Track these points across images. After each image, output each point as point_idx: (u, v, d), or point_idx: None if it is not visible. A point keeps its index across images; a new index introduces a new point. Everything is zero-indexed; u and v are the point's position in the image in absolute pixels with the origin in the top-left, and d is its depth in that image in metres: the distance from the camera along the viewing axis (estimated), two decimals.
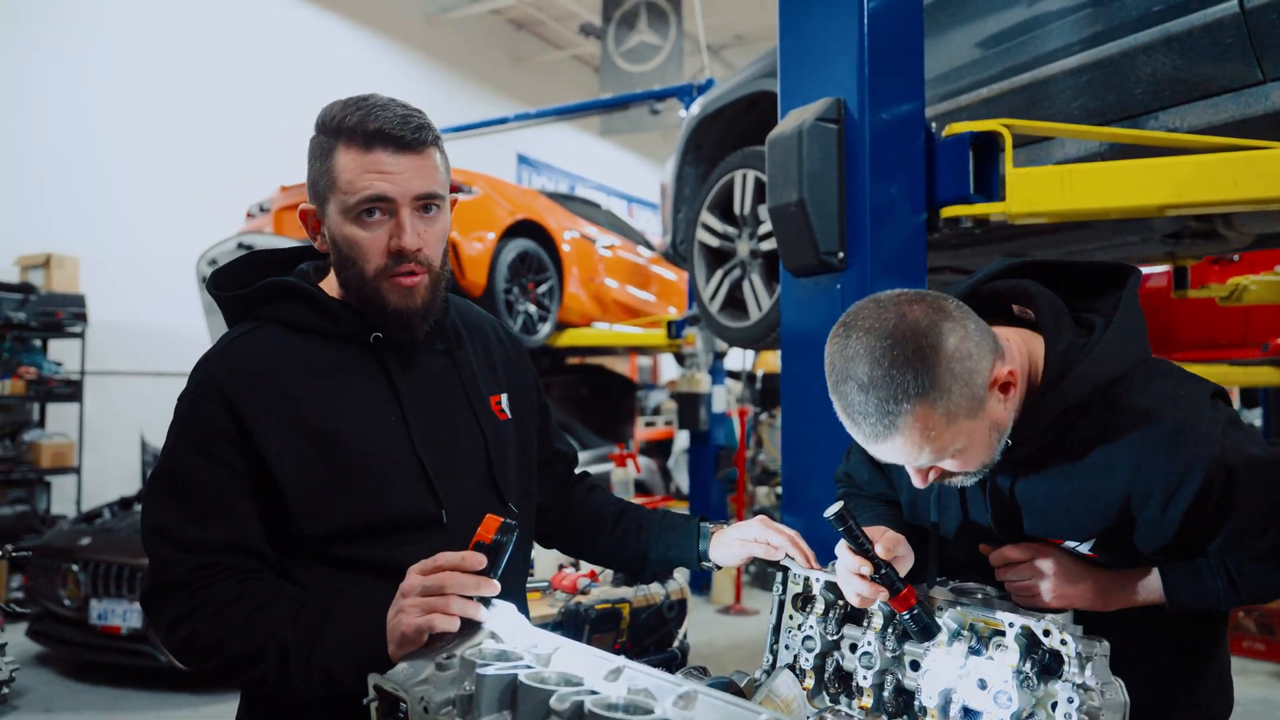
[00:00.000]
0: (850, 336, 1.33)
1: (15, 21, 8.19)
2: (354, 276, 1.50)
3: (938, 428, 1.31)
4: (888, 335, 1.30)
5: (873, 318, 1.33)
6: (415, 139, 1.46)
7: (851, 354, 1.32)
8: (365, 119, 1.44)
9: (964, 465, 1.39)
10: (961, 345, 1.30)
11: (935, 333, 1.29)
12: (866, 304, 1.37)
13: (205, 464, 1.43)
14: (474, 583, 1.30)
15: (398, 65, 12.67)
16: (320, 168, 1.48)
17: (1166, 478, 1.37)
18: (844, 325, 1.36)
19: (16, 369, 7.42)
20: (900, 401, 1.28)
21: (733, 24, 14.56)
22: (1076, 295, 1.57)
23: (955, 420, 1.31)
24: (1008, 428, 1.40)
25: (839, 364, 1.34)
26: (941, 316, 1.32)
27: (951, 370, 1.29)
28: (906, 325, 1.30)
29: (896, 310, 1.32)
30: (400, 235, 1.47)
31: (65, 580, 5.42)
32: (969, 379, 1.30)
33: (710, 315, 4.52)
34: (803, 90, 2.71)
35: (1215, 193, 2.36)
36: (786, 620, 1.68)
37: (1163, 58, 2.65)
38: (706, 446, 8.11)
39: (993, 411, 1.35)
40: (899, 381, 1.28)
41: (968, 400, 1.31)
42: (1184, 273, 4.52)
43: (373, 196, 1.45)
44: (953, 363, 1.29)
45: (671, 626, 3.23)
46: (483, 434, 1.63)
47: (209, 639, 1.37)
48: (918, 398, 1.28)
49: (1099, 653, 1.29)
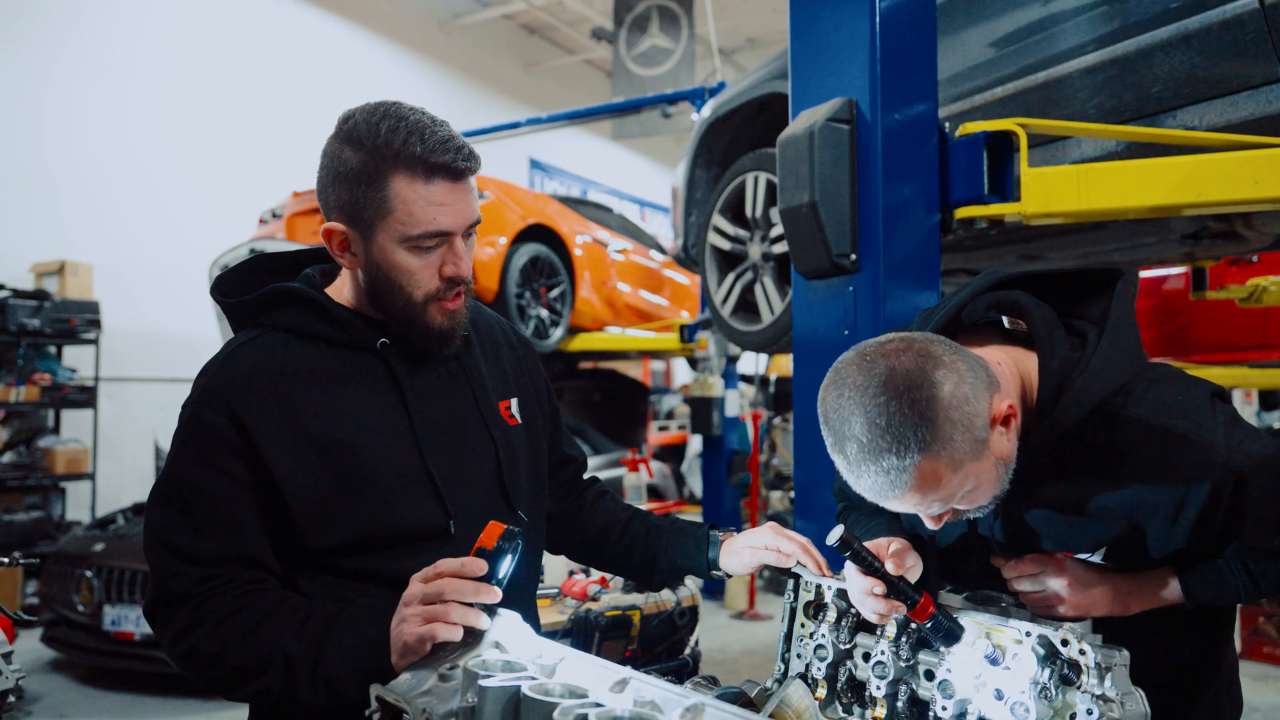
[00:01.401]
0: (842, 395, 1.29)
1: (31, 32, 8.26)
2: (400, 301, 1.49)
3: (945, 477, 1.28)
4: (880, 391, 1.26)
5: (861, 373, 1.28)
6: (468, 168, 1.45)
7: (846, 414, 1.28)
8: (427, 150, 1.40)
9: (975, 503, 1.36)
10: (957, 390, 1.26)
11: (928, 382, 1.25)
12: (852, 358, 1.32)
13: (209, 475, 1.41)
14: (473, 589, 1.27)
15: (410, 71, 12.71)
16: (368, 193, 1.42)
17: (1173, 491, 1.35)
18: (834, 383, 1.32)
19: (31, 375, 7.46)
20: (904, 458, 1.25)
21: (745, 27, 14.55)
22: (1067, 302, 1.54)
23: (961, 466, 1.28)
24: (1013, 458, 1.37)
25: (835, 424, 1.30)
26: (931, 364, 1.27)
27: (950, 419, 1.25)
28: (898, 378, 1.26)
29: (885, 363, 1.28)
30: (457, 264, 1.48)
31: (79, 586, 5.45)
32: (969, 424, 1.27)
33: (722, 319, 4.49)
34: (814, 91, 2.68)
35: (1235, 192, 2.32)
36: (798, 628, 1.65)
37: (1181, 55, 2.61)
38: (720, 451, 8.07)
39: (996, 447, 1.32)
40: (900, 439, 1.24)
41: (971, 444, 1.27)
42: (1202, 274, 4.47)
43: (436, 232, 1.44)
44: (951, 410, 1.25)
45: (683, 634, 3.20)
46: (493, 441, 1.60)
47: (212, 651, 1.35)
48: (921, 453, 1.24)
49: (1119, 662, 1.26)
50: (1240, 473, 1.32)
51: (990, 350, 1.45)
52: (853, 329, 2.59)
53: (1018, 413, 1.35)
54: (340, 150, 1.44)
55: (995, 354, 1.44)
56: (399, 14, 12.58)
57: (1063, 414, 1.39)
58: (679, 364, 15.98)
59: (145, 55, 9.19)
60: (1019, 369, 1.43)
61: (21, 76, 8.16)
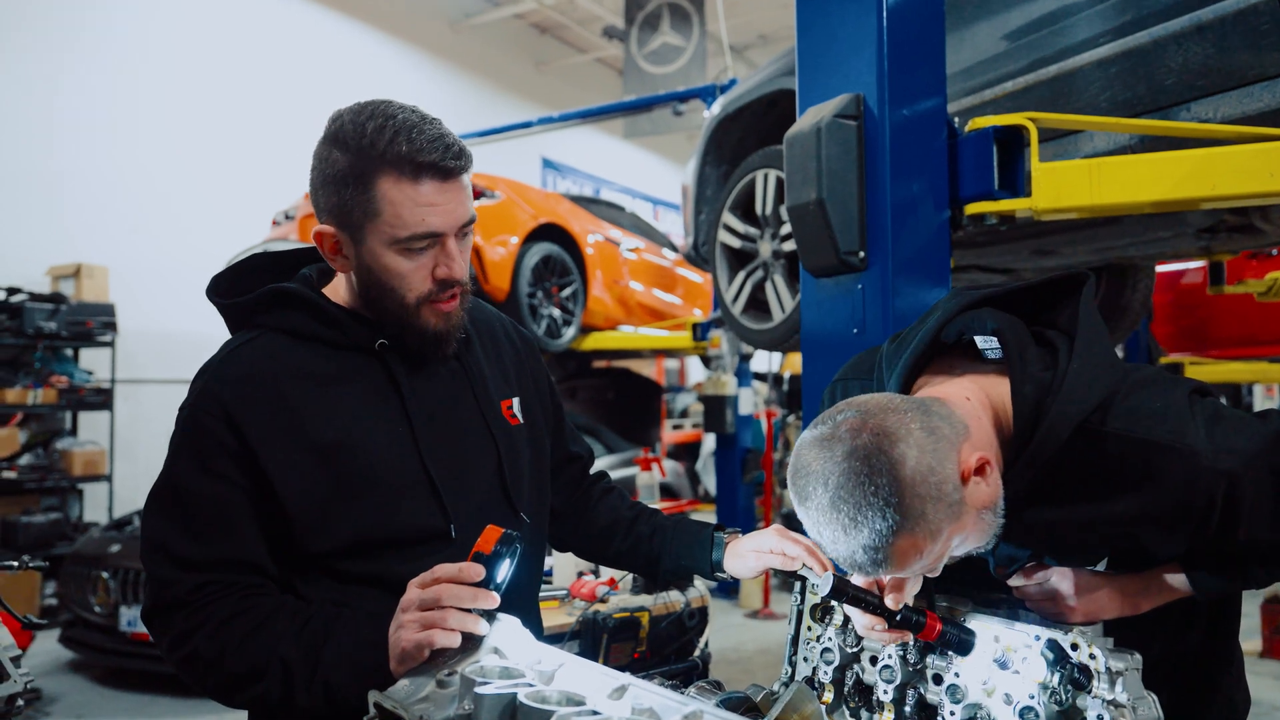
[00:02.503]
0: (808, 483, 1.27)
1: (45, 37, 8.31)
2: (393, 304, 1.47)
3: (926, 547, 1.24)
4: (842, 482, 1.23)
5: (821, 462, 1.25)
6: (459, 167, 1.42)
7: (815, 503, 1.26)
8: (414, 149, 1.37)
9: (971, 547, 1.33)
10: (920, 462, 1.22)
11: (886, 462, 1.21)
12: (810, 441, 1.29)
13: (205, 479, 1.40)
14: (471, 595, 1.26)
15: (422, 71, 12.74)
16: (355, 195, 1.39)
17: (1163, 502, 1.32)
18: (797, 471, 1.29)
19: (48, 378, 7.52)
20: (879, 541, 1.22)
21: (756, 24, 14.52)
22: (1036, 308, 1.50)
23: (940, 533, 1.24)
24: (999, 496, 1.32)
25: (808, 510, 1.28)
26: (888, 441, 1.23)
27: (918, 494, 1.21)
28: (857, 464, 1.22)
29: (842, 448, 1.24)
30: (450, 266, 1.45)
31: (96, 587, 5.49)
32: (938, 494, 1.23)
33: (733, 317, 4.47)
34: (821, 87, 2.65)
35: (1250, 185, 2.28)
36: (805, 632, 1.63)
37: (1194, 46, 2.57)
38: (733, 449, 8.05)
39: (975, 498, 1.28)
40: (870, 526, 1.21)
41: (945, 511, 1.23)
42: (1220, 268, 4.41)
43: (426, 233, 1.41)
44: (917, 487, 1.21)
45: (692, 635, 3.17)
46: (494, 442, 1.59)
47: (210, 657, 1.35)
48: (894, 534, 1.21)
49: (1131, 666, 1.23)
50: (1230, 475, 1.29)
51: (960, 383, 1.41)
52: (861, 326, 2.56)
53: (991, 460, 1.30)
54: (329, 152, 1.43)
55: (965, 387, 1.40)
56: (410, 14, 12.60)
57: (1040, 445, 1.34)
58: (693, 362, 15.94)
59: (156, 57, 9.23)
60: (991, 398, 1.39)
61: (34, 80, 8.21)
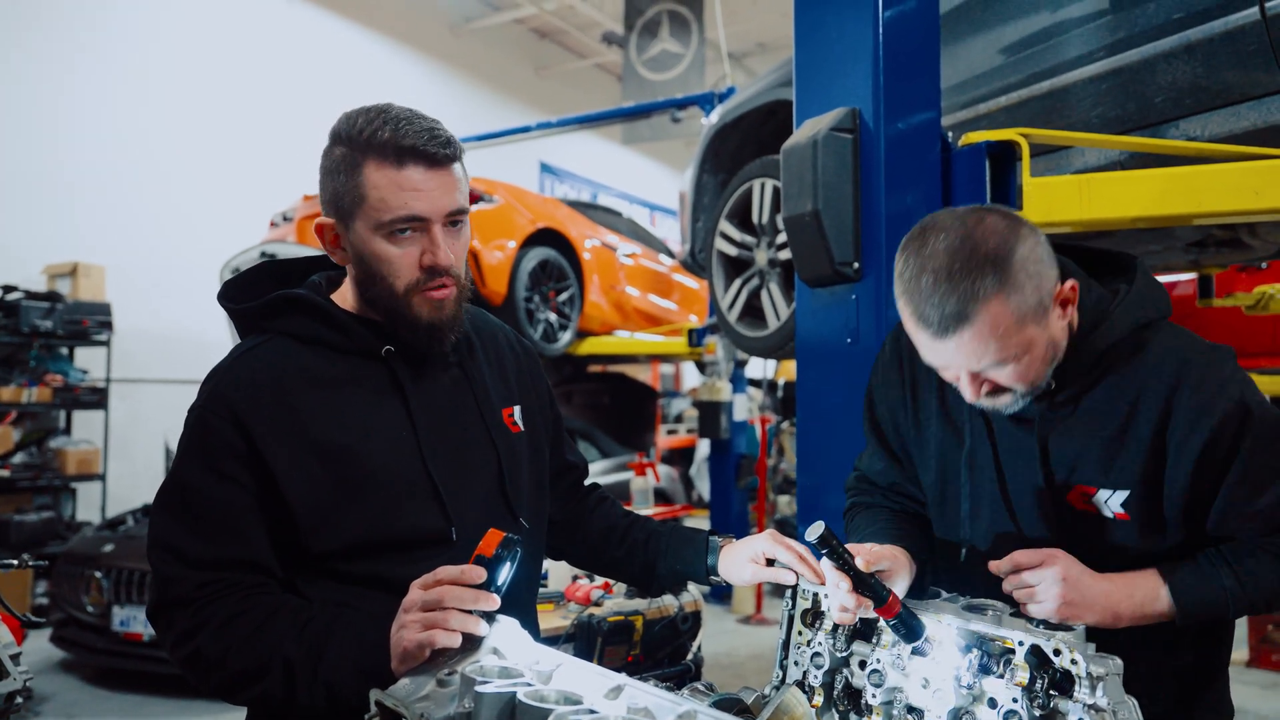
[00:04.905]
0: (927, 239, 1.41)
1: (44, 37, 8.31)
2: (383, 292, 1.49)
3: (1007, 325, 1.38)
4: (968, 237, 1.38)
5: (952, 221, 1.42)
6: (445, 155, 1.45)
7: (930, 252, 1.40)
8: (398, 135, 1.42)
9: (1017, 378, 1.45)
10: (1034, 251, 1.40)
11: (1013, 236, 1.39)
12: (943, 212, 1.46)
13: (213, 480, 1.43)
14: (473, 596, 1.29)
15: (421, 75, 12.76)
16: (346, 182, 1.45)
17: (1191, 406, 1.44)
18: (921, 230, 1.44)
19: (43, 376, 7.50)
20: (977, 290, 1.36)
21: (755, 31, 14.56)
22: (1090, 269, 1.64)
23: (1024, 322, 1.39)
24: (1061, 349, 1.48)
25: (914, 263, 1.41)
26: (1017, 224, 1.42)
27: (1026, 270, 1.38)
28: (985, 228, 1.39)
29: (975, 216, 1.42)
30: (435, 252, 1.47)
31: (88, 587, 5.46)
32: (1039, 283, 1.40)
33: (729, 324, 4.50)
34: (818, 100, 2.69)
35: (1236, 202, 2.33)
36: (796, 636, 1.66)
37: (1183, 65, 2.62)
38: (728, 455, 8.08)
39: (1053, 326, 1.44)
40: (977, 275, 1.36)
41: (1036, 302, 1.39)
42: (1209, 281, 4.45)
43: (408, 216, 1.44)
44: (1027, 264, 1.38)
45: (686, 639, 3.20)
46: (495, 448, 1.62)
47: (213, 655, 1.37)
48: (995, 291, 1.36)
49: (1112, 671, 1.26)
50: (1250, 412, 1.43)
51: None
52: (855, 336, 2.60)
53: (1076, 299, 1.47)
54: (330, 149, 1.49)
55: None
56: (410, 17, 12.62)
57: (1105, 333, 1.50)
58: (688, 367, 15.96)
59: (157, 58, 9.24)
60: None
61: (34, 80, 8.22)
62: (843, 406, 2.54)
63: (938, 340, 1.41)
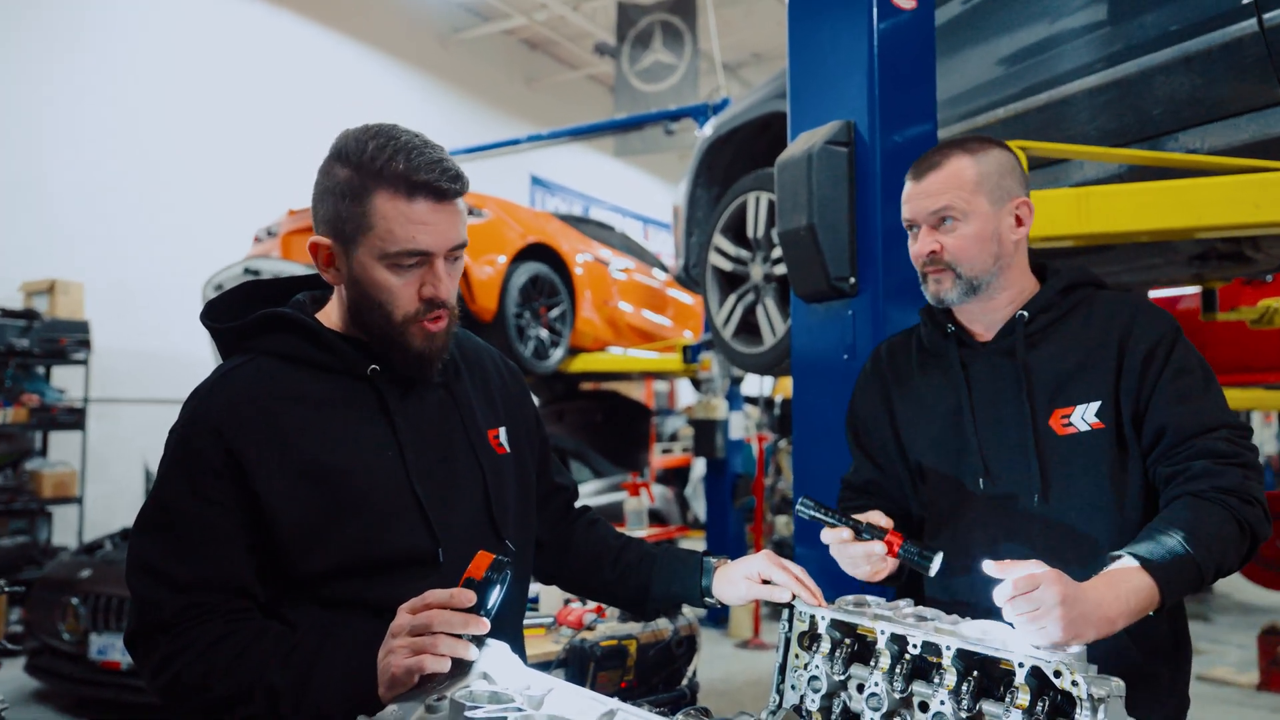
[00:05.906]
0: None
1: (23, 47, 8.21)
2: (380, 319, 1.48)
3: (965, 180, 1.73)
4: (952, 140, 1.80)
5: None
6: (455, 190, 1.45)
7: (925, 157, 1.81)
8: (411, 168, 1.40)
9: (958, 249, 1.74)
10: (1010, 160, 1.79)
11: (998, 145, 1.79)
12: None
13: (195, 502, 1.40)
14: (462, 620, 1.26)
15: (411, 87, 12.69)
16: (350, 207, 1.43)
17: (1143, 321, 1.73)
18: None
19: (19, 396, 7.29)
20: (953, 150, 1.76)
21: (749, 42, 14.57)
22: None
23: (979, 189, 1.73)
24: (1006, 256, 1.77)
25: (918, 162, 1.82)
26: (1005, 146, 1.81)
27: (998, 160, 1.76)
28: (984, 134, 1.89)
29: None
30: (436, 286, 1.47)
31: (65, 613, 5.26)
32: (1003, 173, 1.76)
33: (724, 341, 4.48)
34: (812, 113, 2.67)
35: (1236, 215, 2.31)
36: (792, 659, 1.63)
37: (1181, 78, 2.61)
38: (724, 474, 8.02)
39: (1001, 225, 1.75)
40: (959, 144, 1.77)
41: (995, 184, 1.75)
42: (1212, 295, 4.42)
43: (414, 250, 1.43)
44: (1000, 159, 1.77)
45: (681, 664, 3.15)
46: (481, 469, 1.60)
47: (194, 681, 1.34)
48: (966, 154, 1.75)
49: (1114, 693, 1.24)
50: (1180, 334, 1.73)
51: None
52: (852, 352, 2.57)
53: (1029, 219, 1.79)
54: (331, 166, 1.46)
55: None
56: (399, 29, 12.56)
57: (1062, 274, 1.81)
58: (683, 385, 15.91)
59: (141, 71, 9.14)
60: None
61: (14, 93, 8.11)
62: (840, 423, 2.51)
63: (914, 183, 1.78)
